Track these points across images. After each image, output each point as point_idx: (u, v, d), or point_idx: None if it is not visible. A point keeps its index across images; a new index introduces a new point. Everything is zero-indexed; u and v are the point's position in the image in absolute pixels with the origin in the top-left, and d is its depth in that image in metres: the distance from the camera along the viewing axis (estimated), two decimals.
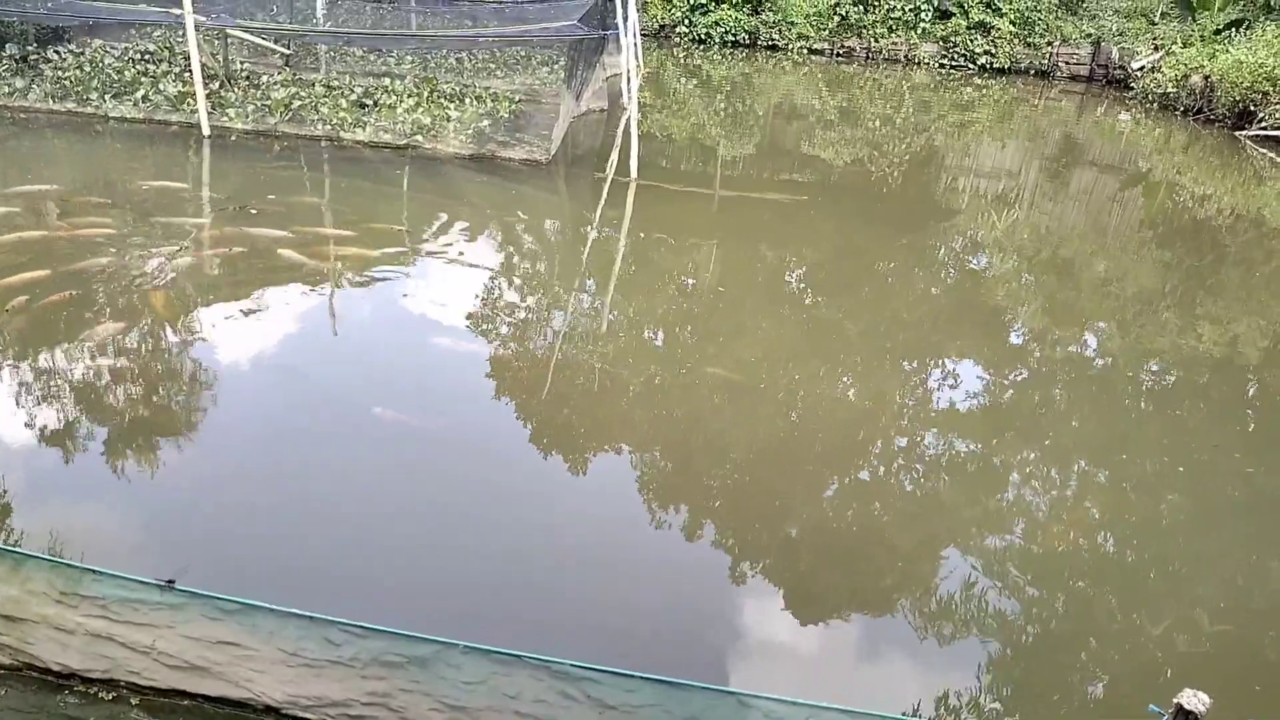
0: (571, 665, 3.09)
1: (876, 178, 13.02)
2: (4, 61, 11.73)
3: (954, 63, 21.86)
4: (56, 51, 12.27)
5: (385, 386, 6.08)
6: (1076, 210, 12.59)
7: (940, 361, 7.30)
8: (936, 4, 21.73)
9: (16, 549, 3.41)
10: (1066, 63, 21.89)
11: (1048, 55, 21.89)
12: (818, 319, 7.82)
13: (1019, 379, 7.15)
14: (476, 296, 7.50)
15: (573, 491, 5.27)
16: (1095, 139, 17.30)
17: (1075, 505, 5.49)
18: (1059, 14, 22.19)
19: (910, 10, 21.79)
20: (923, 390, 6.82)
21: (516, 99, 12.83)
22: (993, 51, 21.64)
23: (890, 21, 21.91)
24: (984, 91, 20.19)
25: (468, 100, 12.29)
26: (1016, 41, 21.77)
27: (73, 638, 3.40)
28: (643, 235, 9.36)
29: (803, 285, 8.64)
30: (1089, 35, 21.84)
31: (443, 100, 12.12)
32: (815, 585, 4.66)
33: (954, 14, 21.89)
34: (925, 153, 14.95)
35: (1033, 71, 21.92)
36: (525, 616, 4.17)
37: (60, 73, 11.63)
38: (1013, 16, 21.80)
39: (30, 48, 12.22)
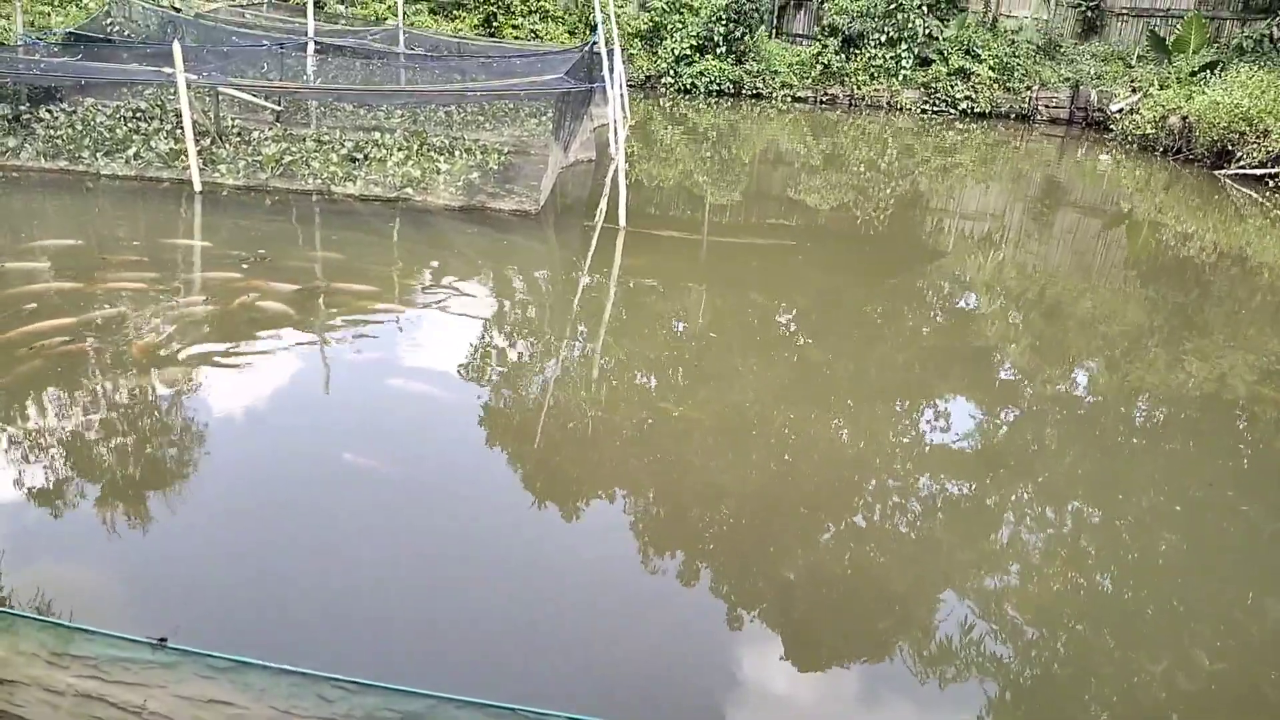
0: (566, 718, 3.05)
1: (862, 221, 13.16)
2: None
3: (936, 108, 22.21)
4: (49, 111, 12.37)
5: (375, 437, 6.07)
6: (1061, 250, 12.73)
7: (932, 402, 7.33)
8: (917, 52, 22.13)
9: (7, 609, 3.37)
10: (1046, 106, 22.27)
11: (1027, 99, 22.27)
12: (808, 362, 7.86)
13: (1010, 418, 7.17)
14: (467, 345, 7.52)
15: (565, 539, 5.24)
16: (1077, 180, 17.55)
17: (1071, 544, 5.48)
18: (1037, 59, 22.61)
19: (891, 58, 22.18)
20: (915, 431, 6.84)
21: (505, 151, 12.97)
22: (973, 96, 22.01)
23: (872, 69, 22.29)
24: (966, 135, 20.50)
25: (457, 153, 12.42)
26: (996, 86, 22.16)
27: (63, 699, 3.35)
28: (632, 282, 9.43)
29: (792, 328, 8.69)
30: (1067, 79, 22.24)
31: (432, 153, 12.24)
32: (812, 630, 4.63)
33: (934, 61, 22.30)
34: (910, 196, 15.13)
35: (1013, 115, 22.29)
36: (519, 668, 4.13)
37: (52, 131, 11.72)
38: (992, 63, 22.21)
39: (23, 107, 12.32)
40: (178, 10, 17.81)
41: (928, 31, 22.03)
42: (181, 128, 10.82)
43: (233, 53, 14.07)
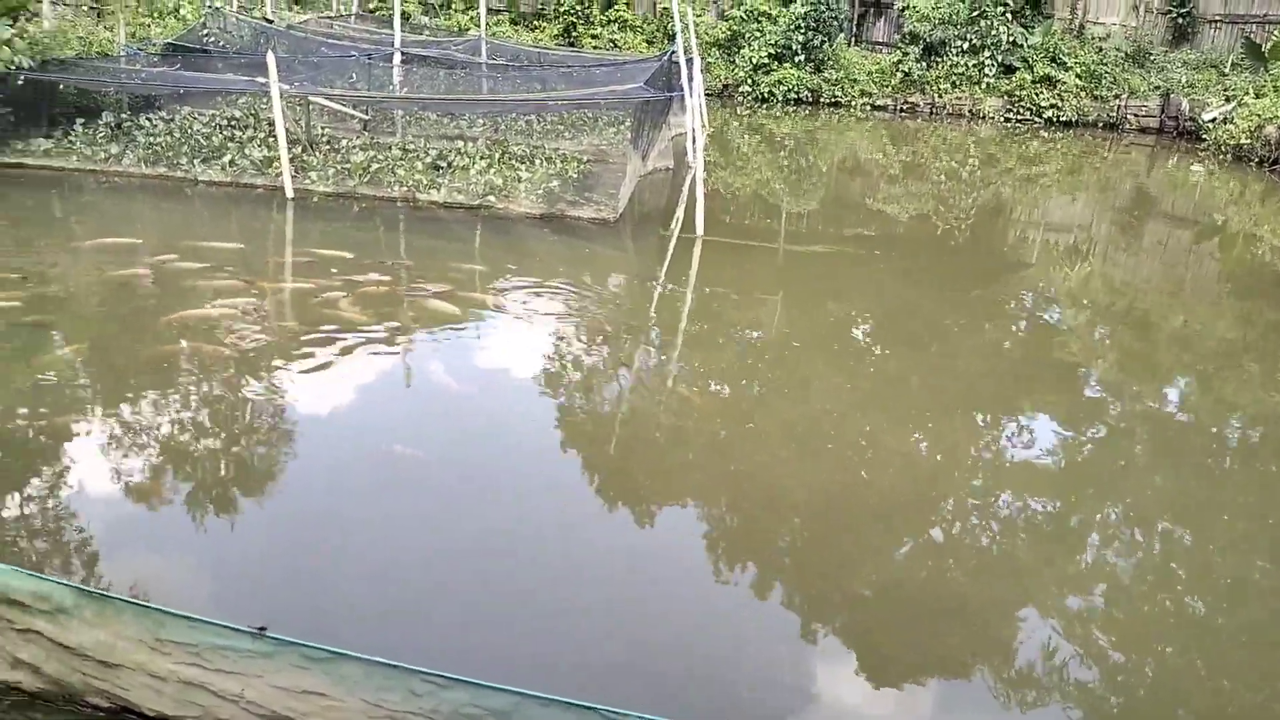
0: (639, 717, 3.09)
1: (943, 231, 12.98)
2: (100, 129, 12.35)
3: (1019, 116, 21.79)
4: (148, 118, 12.90)
5: (456, 439, 6.20)
6: (1151, 263, 12.39)
7: (1013, 417, 7.21)
8: (1000, 59, 21.74)
9: (113, 595, 3.54)
10: (1135, 115, 21.68)
11: (1116, 108, 21.70)
12: (885, 374, 7.79)
13: (1097, 435, 7.01)
14: (545, 350, 7.62)
15: (640, 546, 5.28)
16: (1167, 191, 17.05)
17: (1160, 567, 5.35)
18: (1126, 67, 22.03)
19: (974, 66, 21.82)
20: (995, 446, 6.73)
21: (584, 159, 13.12)
22: (1059, 105, 21.53)
23: (954, 77, 21.97)
24: (1051, 145, 20.07)
25: (538, 161, 12.60)
26: (1083, 95, 21.64)
27: (166, 684, 3.50)
28: (708, 290, 9.45)
29: (869, 340, 8.62)
30: (1157, 87, 21.62)
31: (514, 162, 12.44)
32: (887, 645, 4.58)
33: (1018, 69, 21.87)
34: (993, 206, 14.87)
35: (1100, 124, 21.74)
36: (598, 669, 4.19)
37: (152, 138, 12.21)
38: (1078, 70, 21.71)
39: (124, 115, 12.87)
40: (270, 22, 18.40)
41: (1011, 39, 21.63)
42: (274, 136, 11.18)
43: (322, 63, 14.48)
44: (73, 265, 8.76)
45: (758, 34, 22.42)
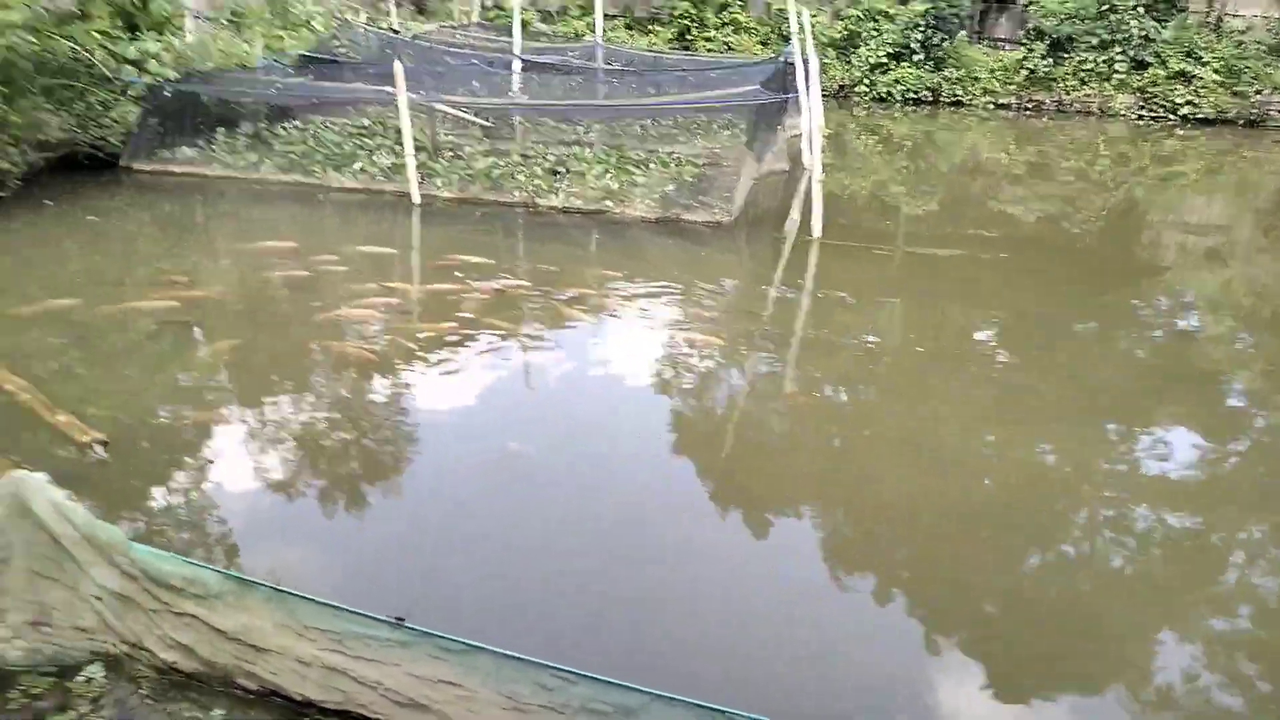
0: None
1: (1071, 234, 12.54)
2: (240, 138, 13.00)
3: (1153, 114, 20.84)
4: (283, 128, 13.50)
5: (581, 440, 6.32)
6: None
7: (1149, 428, 6.92)
8: (1132, 55, 20.83)
9: (263, 583, 3.73)
10: (1279, 111, 20.48)
11: (1256, 104, 20.55)
12: (1009, 382, 7.57)
13: (1240, 449, 6.68)
14: (659, 353, 7.68)
15: (758, 552, 5.28)
16: None
17: None
18: (1268, 61, 20.83)
19: (1104, 62, 20.97)
20: (1130, 458, 6.48)
21: (700, 163, 13.15)
22: (1195, 101, 20.50)
23: (1082, 74, 21.16)
24: (1187, 143, 19.14)
25: (653, 165, 12.70)
26: (1221, 90, 20.56)
27: (310, 669, 3.68)
28: (824, 294, 9.36)
29: (992, 345, 8.40)
30: None
31: (630, 166, 12.57)
32: (1015, 664, 4.47)
33: (1151, 64, 20.92)
34: (1124, 207, 14.29)
35: (1241, 121, 20.61)
36: (716, 673, 4.22)
37: (287, 147, 12.79)
38: (1216, 65, 20.63)
39: (261, 125, 13.50)
40: (396, 32, 19.02)
41: (1144, 33, 20.69)
42: (402, 143, 11.57)
43: (446, 71, 14.90)
44: (237, 267, 9.28)
45: (875, 33, 22.05)
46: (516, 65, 16.36)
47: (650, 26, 24.89)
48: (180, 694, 3.69)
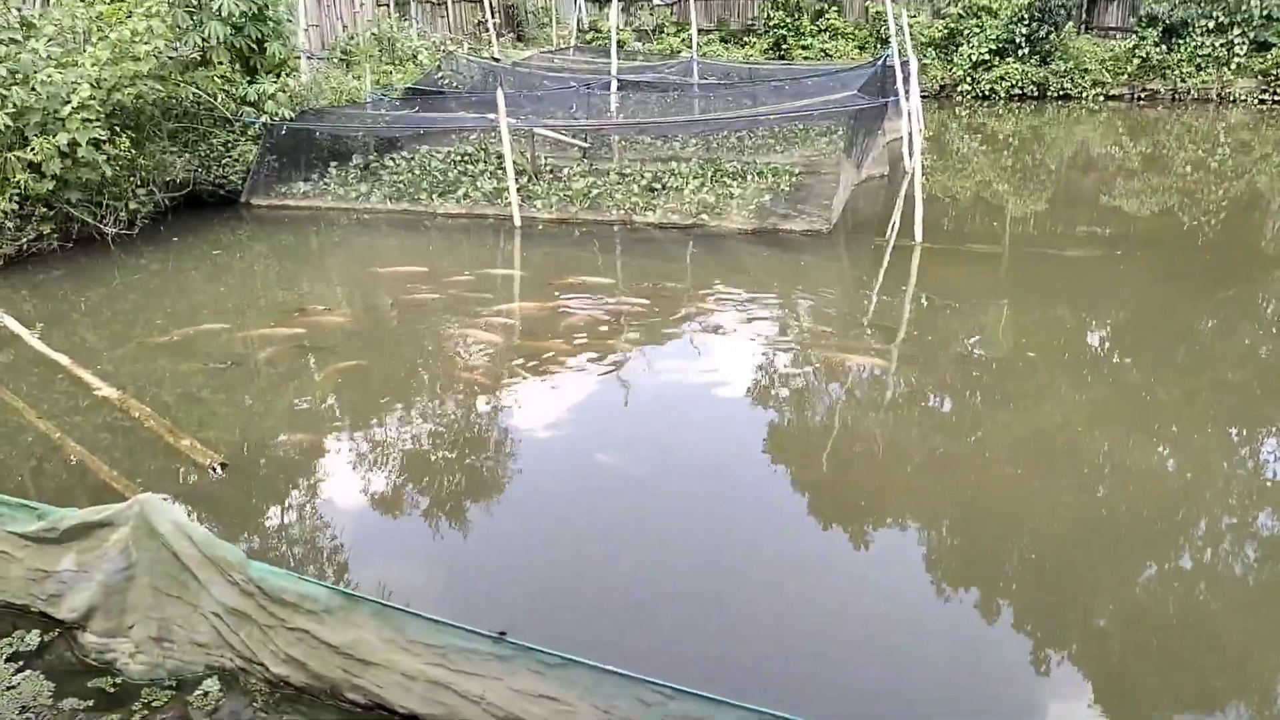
0: None
1: (1189, 228, 11.95)
2: (351, 170, 13.53)
3: (1277, 97, 19.71)
4: (392, 158, 13.99)
5: (681, 457, 6.34)
6: None
7: (1275, 431, 6.54)
8: (1253, 36, 19.75)
9: (371, 599, 3.86)
10: None
11: None
12: (1125, 384, 7.26)
13: None
14: (758, 364, 7.64)
15: (856, 563, 5.20)
16: None
17: None
18: None
19: (1222, 46, 19.96)
20: (1254, 463, 6.13)
21: (796, 171, 13.06)
22: None
23: (1198, 60, 20.19)
24: None
25: (749, 177, 12.67)
26: None
27: (415, 683, 3.78)
28: (926, 299, 9.15)
29: (1107, 346, 8.07)
30: None
31: (725, 179, 12.58)
32: (1130, 681, 4.27)
33: (1274, 44, 19.79)
34: (1247, 198, 13.54)
35: None
36: (813, 690, 4.17)
37: (395, 176, 13.24)
38: None
39: (371, 157, 14.03)
40: (498, 60, 19.51)
41: (1265, 12, 19.60)
42: (503, 168, 11.85)
43: (545, 96, 15.20)
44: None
45: (977, 30, 21.50)
46: (613, 85, 16.59)
47: (745, 39, 24.88)
48: (291, 707, 3.85)
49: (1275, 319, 8.80)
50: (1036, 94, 21.19)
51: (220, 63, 12.49)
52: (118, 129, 10.67)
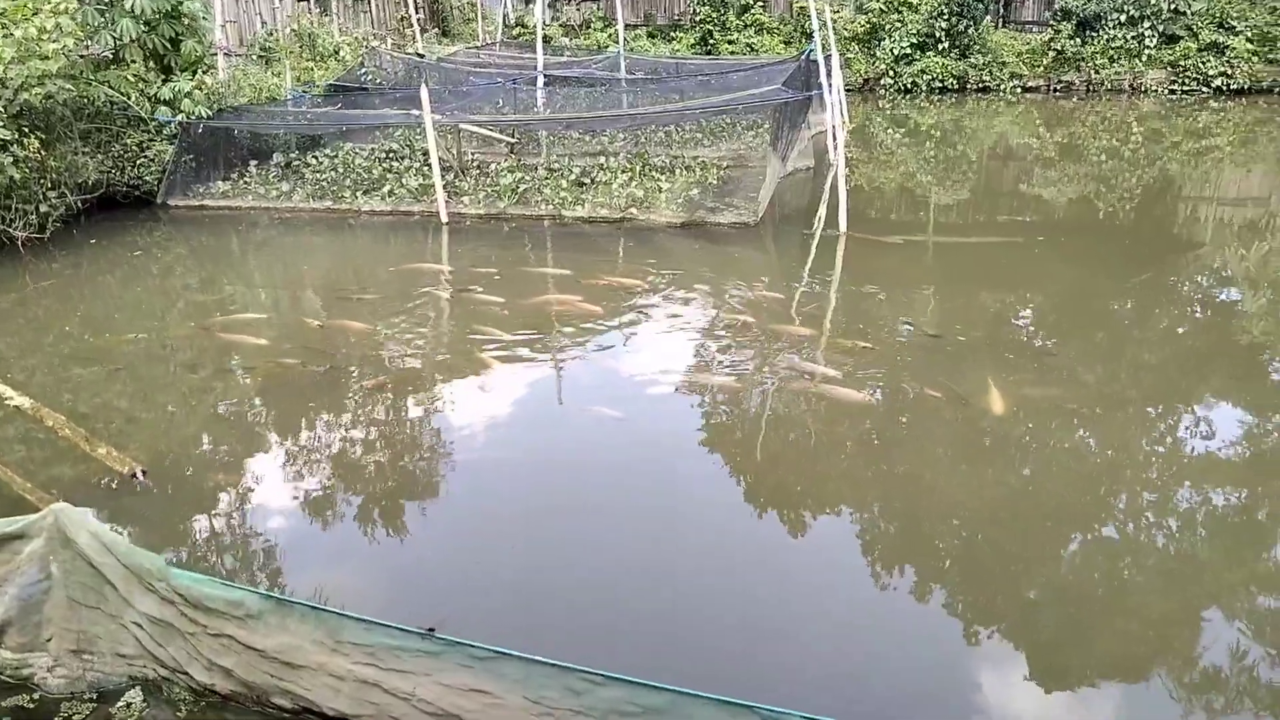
0: (803, 717, 3.10)
1: (1106, 214, 12.35)
2: (273, 169, 13.26)
3: (1185, 87, 20.45)
4: (315, 156, 13.75)
5: (614, 444, 6.36)
6: None
7: (1191, 407, 6.79)
8: (1162, 29, 20.45)
9: (297, 601, 3.80)
10: None
11: None
12: (1048, 366, 7.47)
13: None
14: (690, 355, 7.69)
15: (792, 550, 5.27)
16: None
17: None
18: None
19: (1133, 38, 20.62)
20: (1172, 439, 6.36)
21: (724, 165, 13.17)
22: (1229, 72, 20.08)
23: (1111, 52, 20.82)
24: (1221, 115, 18.75)
25: (677, 171, 12.74)
26: (1255, 59, 20.11)
27: (344, 684, 3.74)
28: (854, 287, 9.30)
29: (1030, 330, 8.29)
30: None
31: (654, 173, 12.62)
32: (1060, 653, 4.40)
33: (1182, 37, 20.52)
34: (1159, 184, 14.03)
35: (1277, 89, 20.14)
36: (755, 671, 4.22)
37: (318, 175, 13.02)
38: (1249, 34, 20.18)
39: (292, 155, 13.77)
40: (422, 56, 19.28)
41: (1173, 6, 20.31)
42: (429, 164, 11.73)
43: (471, 91, 15.08)
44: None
45: (898, 25, 21.89)
46: (540, 81, 16.52)
47: (672, 34, 24.97)
48: (217, 715, 3.78)
49: (1189, 299, 9.14)
50: (957, 87, 21.65)
51: (133, 61, 12.14)
52: (26, 130, 10.32)
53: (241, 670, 3.79)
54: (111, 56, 12.25)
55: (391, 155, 13.76)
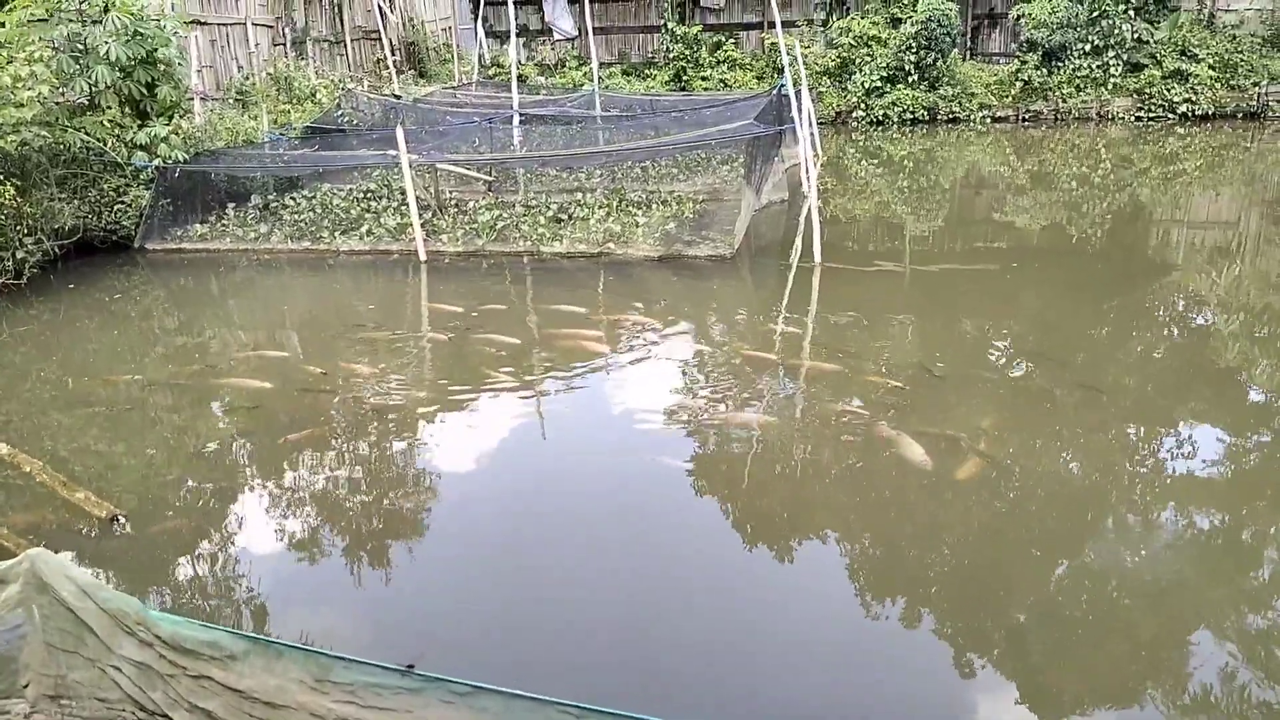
0: None
1: (1078, 239, 12.54)
2: (250, 211, 13.29)
3: (1151, 114, 20.83)
4: (292, 198, 13.79)
5: (591, 478, 6.37)
6: None
7: (1172, 428, 6.88)
8: (1126, 58, 20.87)
9: (276, 640, 3.79)
10: (1278, 101, 20.44)
11: (1256, 96, 20.52)
12: (1028, 390, 7.55)
13: (1264, 442, 6.61)
14: (670, 388, 7.73)
15: (778, 579, 5.29)
16: None
17: None
18: (1264, 52, 20.82)
19: (1098, 67, 21.02)
20: (1154, 460, 6.43)
21: (700, 199, 13.30)
22: (1193, 99, 20.49)
23: (1077, 81, 21.20)
24: (1188, 140, 19.11)
25: (654, 205, 12.85)
26: (1219, 86, 20.55)
27: None
28: (832, 317, 9.38)
29: (1009, 356, 8.39)
30: None
31: (631, 208, 12.73)
32: (1050, 677, 4.43)
33: (1146, 66, 20.95)
34: (1130, 210, 14.26)
35: (1240, 115, 20.57)
36: (736, 701, 4.22)
37: (296, 216, 13.06)
38: (1211, 61, 20.63)
39: (270, 197, 13.81)
40: (399, 97, 19.42)
41: (1136, 36, 20.74)
42: (406, 204, 11.80)
43: (447, 131, 15.18)
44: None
45: (868, 58, 22.23)
46: (516, 119, 16.66)
47: (646, 71, 25.25)
48: None
49: (1164, 322, 9.27)
50: (927, 118, 21.96)
51: (109, 107, 12.18)
52: (1, 177, 10.32)
53: (223, 712, 3.75)
54: (87, 103, 12.30)
55: (369, 195, 13.82)
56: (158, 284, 11.48)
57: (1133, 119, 20.89)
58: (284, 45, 20.01)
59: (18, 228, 10.78)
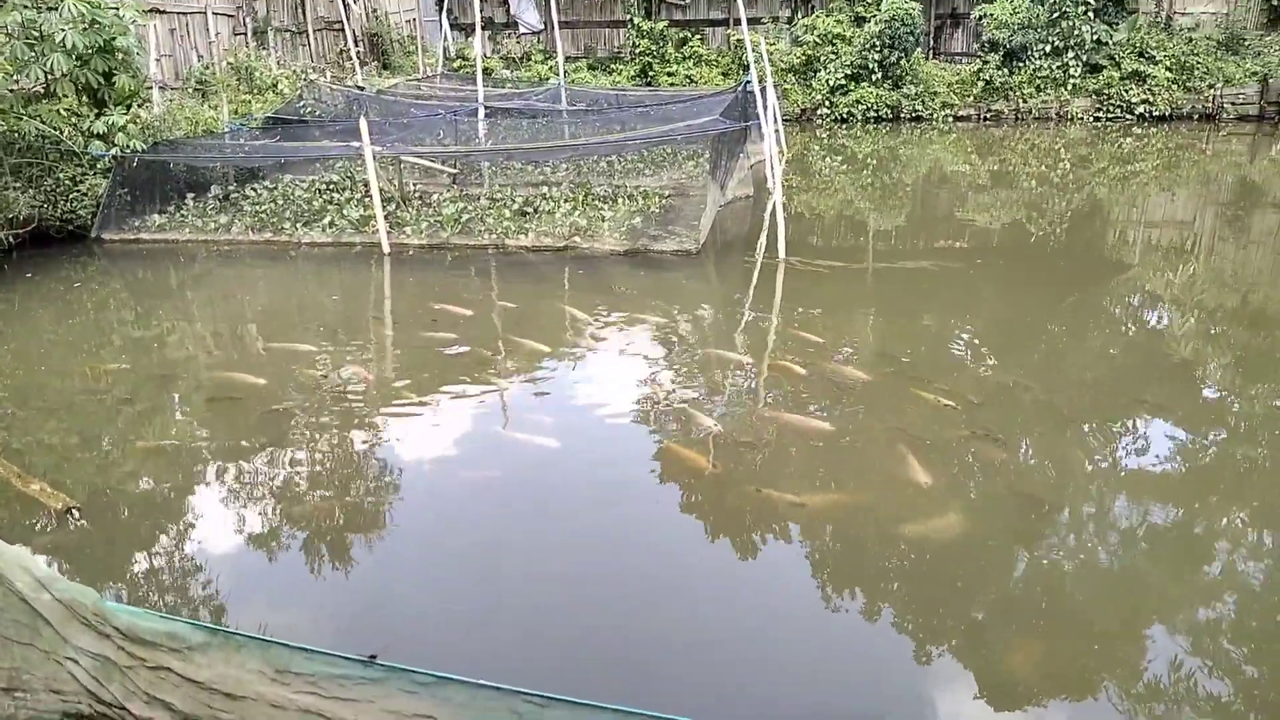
0: None
1: (1038, 237, 12.72)
2: (210, 201, 13.11)
3: (1110, 115, 21.19)
4: (253, 189, 13.62)
5: (556, 472, 6.37)
6: (1263, 255, 11.89)
7: (1128, 424, 6.99)
8: (1085, 59, 21.20)
9: (236, 631, 3.75)
10: (1232, 103, 20.90)
11: (1210, 98, 20.95)
12: (987, 386, 7.64)
13: (1217, 438, 6.74)
14: (634, 382, 7.74)
15: (739, 574, 5.32)
16: (1274, 179, 16.34)
17: None
18: (1218, 55, 21.25)
19: (1058, 68, 21.33)
20: (1110, 456, 6.54)
21: (665, 194, 13.31)
22: (1150, 100, 20.88)
23: (1038, 81, 21.51)
24: (1145, 141, 19.46)
25: (620, 200, 12.85)
26: (1175, 87, 20.95)
27: (285, 714, 3.69)
28: (797, 312, 9.45)
29: (969, 352, 8.49)
30: (1254, 73, 20.82)
31: (597, 202, 12.72)
32: (1008, 670, 4.50)
33: (1105, 67, 21.30)
34: (1088, 208, 14.49)
35: (1196, 116, 21.00)
36: (699, 691, 4.25)
37: (257, 207, 12.89)
38: (1168, 63, 21.04)
39: (230, 187, 13.62)
40: (362, 89, 19.24)
41: (1095, 37, 21.08)
42: (370, 196, 11.70)
43: (412, 123, 15.08)
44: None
45: (833, 56, 22.39)
46: (481, 112, 16.57)
47: (613, 66, 25.22)
48: None
49: (1122, 319, 9.43)
50: (891, 116, 22.17)
51: (65, 95, 11.94)
52: None
53: (182, 704, 3.71)
54: (43, 90, 12.05)
55: (332, 187, 13.68)
56: (115, 274, 11.30)
57: (1091, 119, 21.23)
58: (245, 35, 19.74)
59: None
